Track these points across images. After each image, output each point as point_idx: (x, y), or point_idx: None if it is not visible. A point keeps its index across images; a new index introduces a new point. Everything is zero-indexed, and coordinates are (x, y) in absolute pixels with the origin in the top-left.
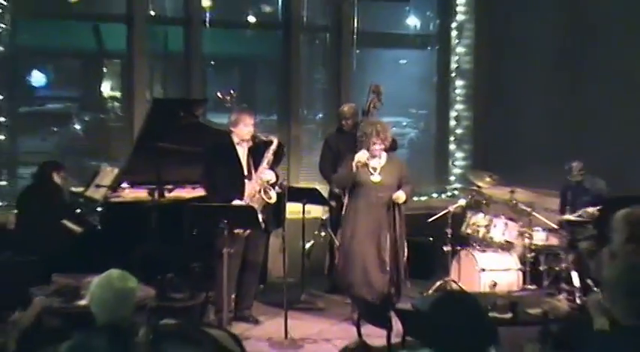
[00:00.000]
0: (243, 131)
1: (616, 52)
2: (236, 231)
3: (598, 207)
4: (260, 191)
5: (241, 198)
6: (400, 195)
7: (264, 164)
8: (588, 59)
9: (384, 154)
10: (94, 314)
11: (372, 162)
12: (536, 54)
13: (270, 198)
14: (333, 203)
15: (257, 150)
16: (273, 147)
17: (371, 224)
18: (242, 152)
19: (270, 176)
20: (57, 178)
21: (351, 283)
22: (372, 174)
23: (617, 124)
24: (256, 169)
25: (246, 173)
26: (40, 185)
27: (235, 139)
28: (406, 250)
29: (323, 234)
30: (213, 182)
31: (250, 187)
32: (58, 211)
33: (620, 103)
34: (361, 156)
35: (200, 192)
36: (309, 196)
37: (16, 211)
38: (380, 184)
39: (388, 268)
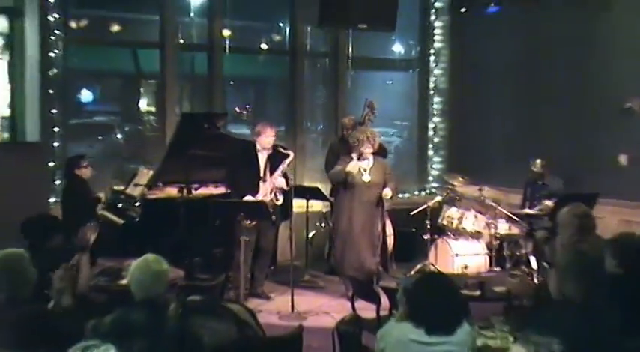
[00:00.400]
0: (265, 141)
1: (564, 71)
2: (246, 221)
3: (554, 201)
4: (271, 192)
5: (255, 196)
6: (388, 193)
7: (279, 172)
8: (543, 77)
9: (371, 157)
10: (133, 291)
11: (363, 164)
12: (500, 74)
13: (277, 200)
14: (332, 199)
15: (274, 157)
16: (289, 159)
17: (364, 217)
18: (262, 158)
19: (282, 183)
20: (78, 171)
21: (349, 266)
22: (362, 174)
23: (568, 131)
24: (272, 173)
25: (262, 175)
26: (67, 181)
27: (258, 147)
28: (392, 239)
29: (323, 225)
30: (235, 180)
31: (264, 189)
32: (84, 200)
33: (570, 113)
34: (353, 167)
35: (221, 189)
36: (312, 193)
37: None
38: (370, 183)
39: (378, 252)
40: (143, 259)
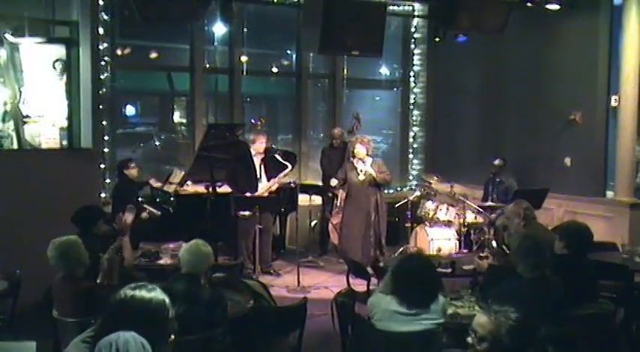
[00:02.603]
0: (258, 147)
1: (520, 89)
2: (241, 213)
3: (512, 195)
4: (266, 192)
5: (253, 193)
6: (369, 169)
7: (276, 180)
8: (502, 93)
9: (368, 159)
10: (181, 266)
11: (359, 165)
12: (468, 91)
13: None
14: (329, 194)
15: (270, 162)
16: (287, 171)
17: (362, 210)
18: (257, 161)
19: (275, 186)
20: (126, 171)
21: (351, 251)
22: (358, 175)
23: (523, 138)
24: (267, 175)
25: (259, 176)
26: (118, 179)
27: (253, 152)
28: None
29: (316, 220)
30: (236, 180)
31: (261, 188)
32: (129, 195)
33: (525, 123)
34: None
35: None
36: (313, 190)
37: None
38: (364, 181)
39: (373, 239)
40: (194, 242)
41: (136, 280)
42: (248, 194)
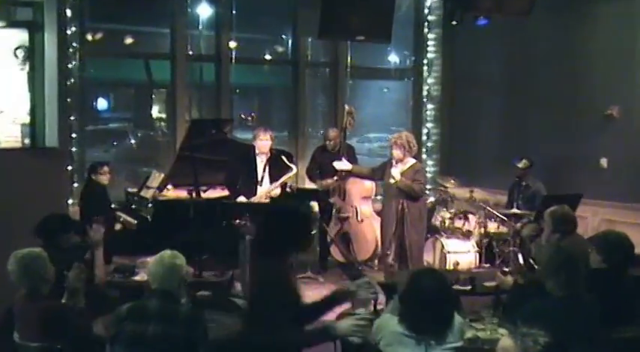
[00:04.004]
0: (259, 144)
1: (549, 79)
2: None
3: (540, 202)
4: (265, 198)
5: (249, 198)
6: (395, 175)
7: (277, 183)
8: (529, 84)
9: (409, 161)
10: (150, 282)
11: (394, 170)
12: (489, 82)
13: None
14: (332, 200)
15: (275, 163)
16: (291, 173)
17: (387, 220)
18: (260, 162)
19: (277, 192)
20: (95, 177)
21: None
22: (390, 177)
23: (553, 136)
24: (271, 177)
25: (259, 179)
26: (84, 185)
27: (257, 151)
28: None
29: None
30: (232, 181)
31: (260, 193)
32: (100, 201)
33: (554, 119)
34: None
35: (227, 192)
36: (312, 195)
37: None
38: (394, 185)
39: (392, 254)
40: (161, 253)
41: (108, 300)
42: (242, 199)
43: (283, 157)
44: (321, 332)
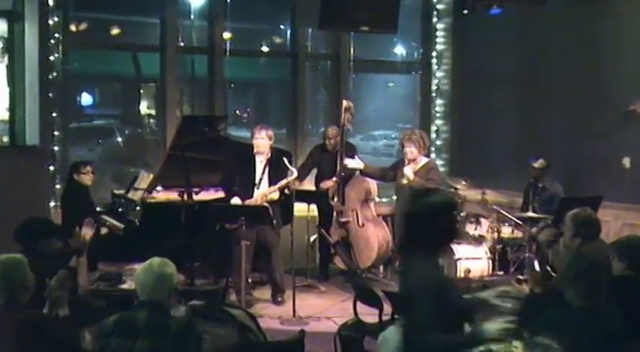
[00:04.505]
0: (255, 143)
1: (568, 73)
2: (227, 226)
3: (557, 204)
4: (261, 200)
5: (244, 200)
6: (408, 174)
7: (276, 187)
8: (545, 78)
9: (423, 159)
10: (138, 293)
11: (406, 169)
12: (503, 76)
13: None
14: (332, 202)
15: (276, 164)
16: (291, 178)
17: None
18: (259, 162)
19: (274, 196)
20: (77, 177)
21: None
22: (402, 177)
23: (571, 133)
24: (270, 179)
25: (257, 181)
26: (65, 186)
27: (255, 151)
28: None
29: (315, 235)
30: (230, 184)
31: (256, 195)
32: (83, 203)
33: (573, 116)
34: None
35: (222, 194)
36: (313, 197)
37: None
38: (408, 185)
39: None
40: (149, 261)
41: (93, 310)
42: (237, 200)
43: (285, 159)
44: (471, 337)
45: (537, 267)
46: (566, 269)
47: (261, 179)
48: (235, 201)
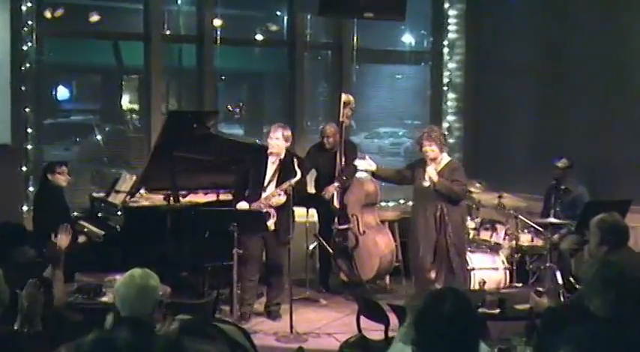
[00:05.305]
0: (269, 143)
1: (592, 65)
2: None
3: (581, 209)
4: (264, 206)
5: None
6: (431, 173)
7: (279, 190)
8: (568, 71)
9: (445, 158)
10: (118, 308)
11: (428, 169)
12: (521, 68)
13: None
14: (334, 205)
15: (287, 168)
16: (295, 179)
17: (421, 228)
18: (270, 163)
19: (278, 202)
20: (51, 177)
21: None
22: (423, 180)
23: (596, 131)
24: (279, 182)
25: (266, 184)
26: (39, 188)
27: (268, 151)
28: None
29: (315, 243)
30: (237, 187)
31: (260, 200)
32: (57, 207)
33: (598, 112)
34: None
35: (212, 197)
36: (313, 201)
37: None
38: (428, 188)
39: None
40: (129, 273)
41: (69, 324)
42: (244, 205)
43: (295, 160)
44: None
45: (559, 279)
46: (592, 278)
47: (270, 182)
48: (242, 206)
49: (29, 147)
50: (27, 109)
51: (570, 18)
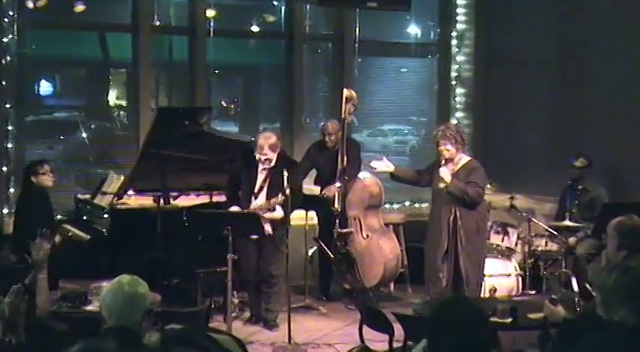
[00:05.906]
0: (259, 158)
1: (609, 59)
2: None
3: (598, 212)
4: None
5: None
6: (445, 174)
7: (270, 204)
8: (584, 65)
9: (463, 158)
10: (105, 317)
11: (443, 169)
12: (533, 62)
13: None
14: (333, 208)
15: (277, 174)
16: (282, 198)
17: (436, 231)
18: (261, 169)
19: (276, 215)
20: (35, 178)
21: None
22: (440, 181)
23: (615, 128)
24: (269, 189)
25: (256, 190)
26: (21, 189)
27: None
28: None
29: (314, 248)
30: (230, 189)
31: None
32: (41, 210)
33: (616, 108)
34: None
35: (204, 198)
36: (312, 203)
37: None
38: (444, 189)
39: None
40: (117, 280)
41: (54, 334)
42: (237, 209)
43: (285, 174)
44: None
45: (575, 285)
46: (614, 286)
47: (261, 188)
48: (235, 210)
49: (10, 146)
50: (7, 105)
51: (589, 8)
